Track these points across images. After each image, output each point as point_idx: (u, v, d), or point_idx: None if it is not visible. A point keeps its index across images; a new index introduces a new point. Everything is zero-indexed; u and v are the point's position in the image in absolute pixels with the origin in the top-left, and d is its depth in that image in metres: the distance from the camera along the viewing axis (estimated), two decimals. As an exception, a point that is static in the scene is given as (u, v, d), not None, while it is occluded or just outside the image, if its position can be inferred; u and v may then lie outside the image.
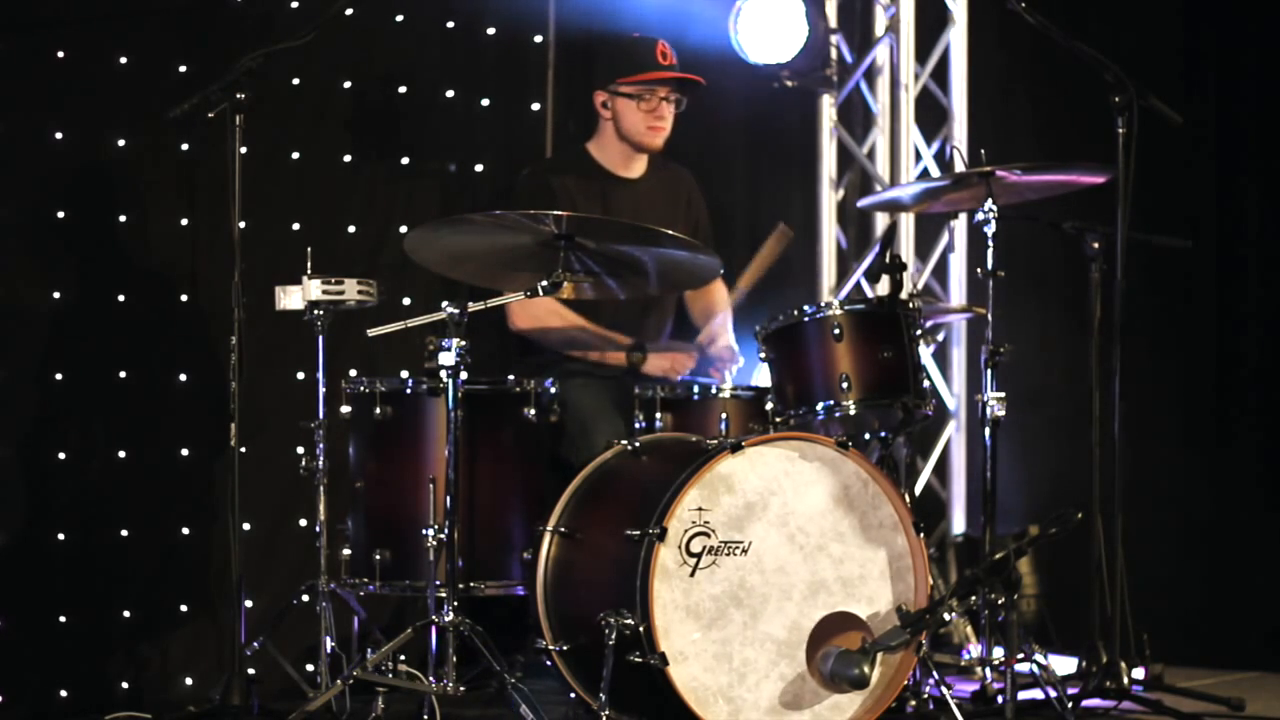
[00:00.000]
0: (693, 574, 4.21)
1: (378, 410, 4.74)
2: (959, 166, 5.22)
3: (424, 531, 4.49)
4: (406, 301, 5.54)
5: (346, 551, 4.78)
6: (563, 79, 5.99)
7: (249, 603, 4.71)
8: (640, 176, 5.44)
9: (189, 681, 5.13)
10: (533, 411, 4.80)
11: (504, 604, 4.85)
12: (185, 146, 5.16)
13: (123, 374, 5.10)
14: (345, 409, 4.81)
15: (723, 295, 5.53)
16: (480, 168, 5.83)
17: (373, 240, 5.57)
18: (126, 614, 5.06)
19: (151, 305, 5.18)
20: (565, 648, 4.42)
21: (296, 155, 5.45)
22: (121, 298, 5.12)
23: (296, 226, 5.39)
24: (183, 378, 5.19)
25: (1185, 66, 6.52)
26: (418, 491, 4.63)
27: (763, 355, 4.80)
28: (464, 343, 4.39)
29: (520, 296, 4.49)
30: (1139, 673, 5.09)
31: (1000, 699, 4.77)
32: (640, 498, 4.30)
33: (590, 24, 5.79)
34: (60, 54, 5.02)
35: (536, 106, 5.97)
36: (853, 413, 4.65)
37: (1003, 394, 4.92)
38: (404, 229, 5.41)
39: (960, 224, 6.65)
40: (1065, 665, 5.28)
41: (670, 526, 4.18)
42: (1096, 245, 5.15)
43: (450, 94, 5.78)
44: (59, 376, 5.02)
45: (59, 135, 5.03)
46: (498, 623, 4.70)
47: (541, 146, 5.95)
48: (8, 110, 4.94)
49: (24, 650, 4.87)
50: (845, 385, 4.62)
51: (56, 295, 5.03)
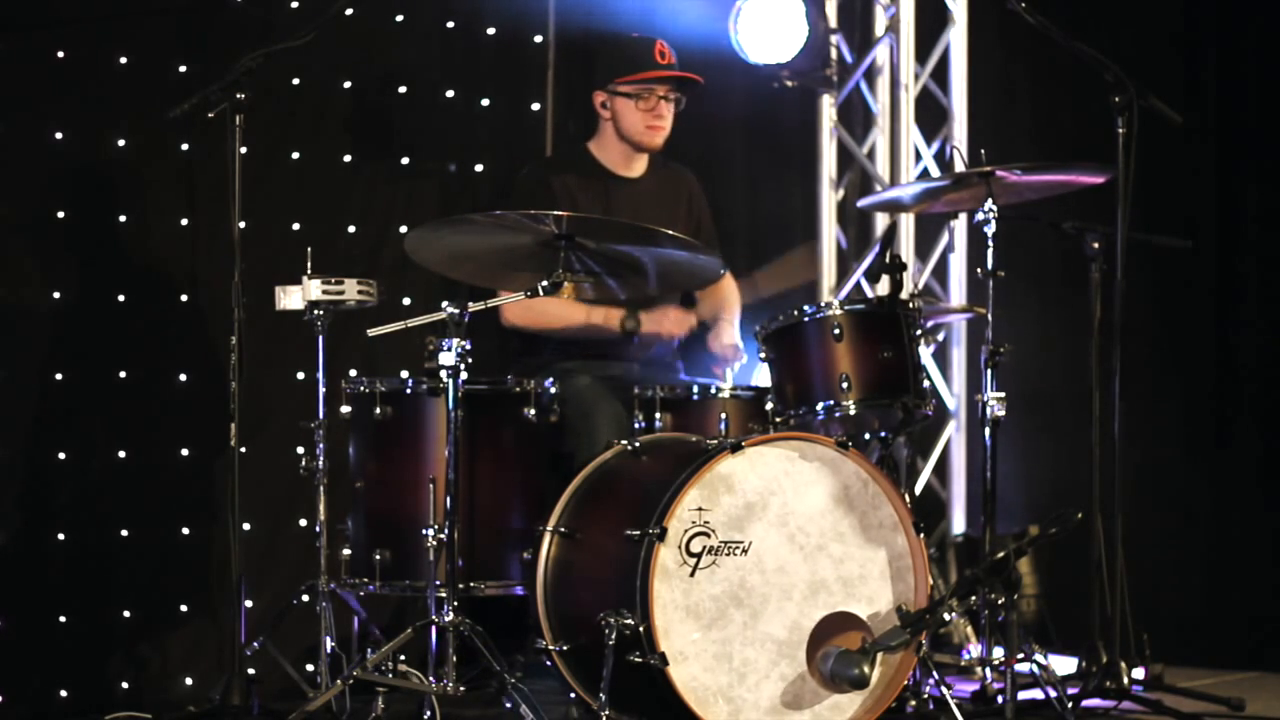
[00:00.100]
0: (693, 574, 4.21)
1: (378, 410, 4.74)
2: (959, 166, 5.22)
3: (424, 531, 4.49)
4: (406, 301, 5.54)
5: (346, 551, 4.78)
6: (563, 79, 5.99)
7: (249, 603, 4.71)
8: (641, 176, 5.43)
9: (189, 681, 5.13)
10: (533, 411, 4.79)
11: (504, 604, 4.85)
12: (185, 146, 5.17)
13: (123, 374, 5.10)
14: (345, 409, 4.81)
15: (733, 294, 5.53)
16: (480, 168, 5.83)
17: (373, 240, 5.57)
18: (126, 614, 5.06)
19: (151, 305, 5.18)
20: (565, 648, 4.42)
21: (296, 155, 5.45)
22: (121, 298, 5.12)
23: (296, 226, 5.39)
24: (183, 378, 5.19)
25: (1185, 66, 6.52)
26: (418, 491, 4.63)
27: (763, 355, 4.79)
28: (464, 343, 4.39)
29: (520, 296, 4.49)
30: (1139, 673, 5.09)
31: (1000, 699, 4.77)
32: (640, 498, 4.30)
33: (590, 24, 5.79)
34: (60, 54, 5.02)
35: (536, 106, 5.97)
36: (853, 413, 4.64)
37: (1003, 394, 4.92)
38: (404, 229, 5.41)
39: (960, 224, 6.65)
40: (1065, 665, 5.28)
41: (670, 526, 4.18)
42: (1096, 245, 5.15)
43: (450, 94, 5.77)
44: (59, 376, 5.02)
45: (59, 135, 5.03)
46: (498, 623, 4.70)
47: (541, 146, 5.95)
48: (8, 110, 4.94)
49: (24, 650, 4.87)
50: (845, 385, 4.62)
51: (56, 295, 5.03)
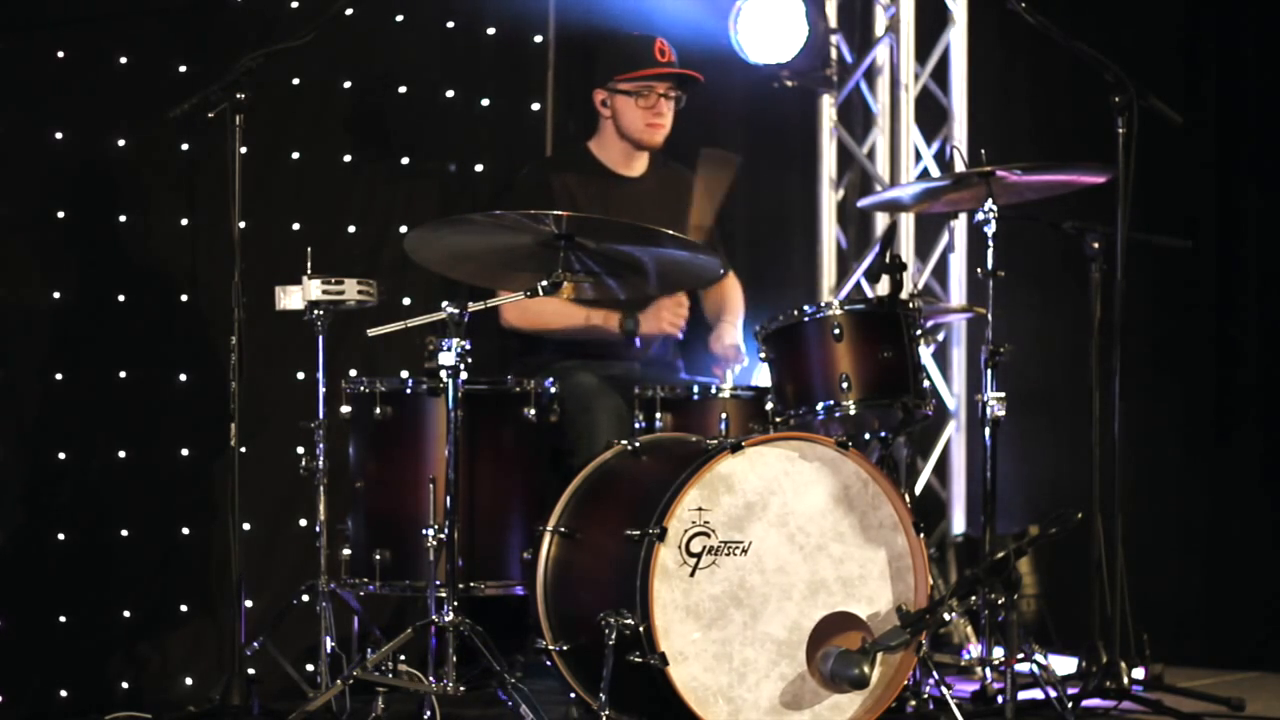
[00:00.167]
0: (693, 574, 4.21)
1: (378, 410, 4.74)
2: (959, 166, 5.21)
3: (424, 531, 4.49)
4: (406, 301, 5.54)
5: (346, 551, 4.78)
6: (563, 79, 5.98)
7: (249, 603, 4.71)
8: (641, 175, 5.43)
9: (189, 681, 5.13)
10: (533, 411, 4.79)
11: (504, 604, 4.85)
12: (185, 146, 5.16)
13: (123, 374, 5.10)
14: (345, 409, 4.81)
15: (736, 295, 5.53)
16: (480, 168, 5.82)
17: (373, 240, 5.57)
18: (126, 614, 5.06)
19: (151, 305, 5.18)
20: (565, 648, 4.42)
21: (296, 155, 5.45)
22: (121, 298, 5.12)
23: (296, 226, 5.39)
24: (183, 378, 5.18)
25: (1185, 66, 6.51)
26: (418, 491, 4.63)
27: (763, 355, 4.79)
28: (464, 343, 4.39)
29: (520, 296, 4.49)
30: (1139, 673, 5.09)
31: (1000, 699, 4.77)
32: (640, 498, 4.30)
33: (590, 23, 5.79)
34: (60, 54, 5.02)
35: (536, 106, 5.97)
36: (853, 413, 4.64)
37: (1003, 394, 4.91)
38: (404, 229, 5.40)
39: (960, 224, 6.65)
40: (1065, 665, 5.28)
41: (670, 526, 4.18)
42: (1096, 245, 5.14)
43: (450, 94, 5.77)
44: (59, 376, 5.01)
45: (59, 135, 5.03)
46: (498, 623, 4.70)
47: (541, 146, 5.94)
48: (8, 110, 4.93)
49: (24, 650, 4.87)
50: (845, 385, 4.62)
51: (56, 295, 5.02)
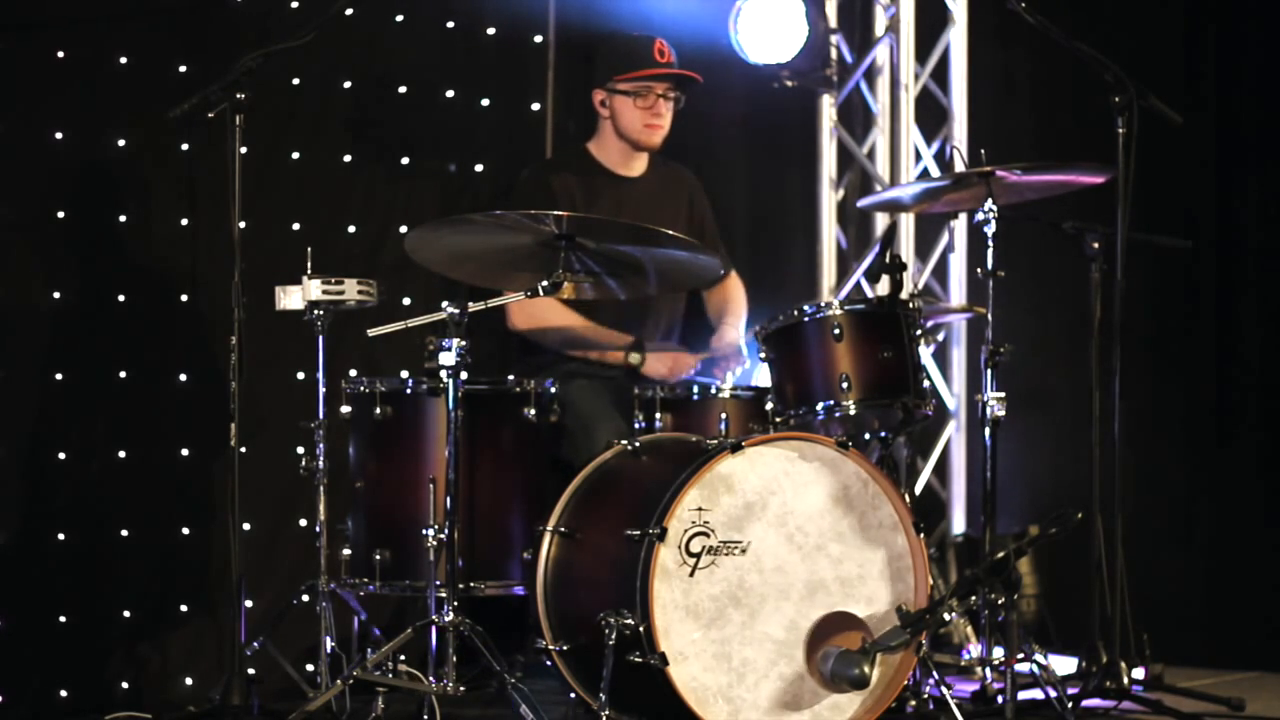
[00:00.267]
0: (692, 574, 4.21)
1: (378, 410, 4.74)
2: (959, 166, 5.22)
3: (424, 531, 4.49)
4: (406, 301, 5.54)
5: (346, 551, 4.79)
6: (563, 79, 5.98)
7: (249, 603, 4.71)
8: (641, 176, 5.43)
9: (189, 681, 5.13)
10: (533, 411, 4.79)
11: (504, 604, 4.85)
12: (185, 146, 5.16)
13: (123, 374, 5.10)
14: (345, 409, 4.81)
15: (738, 296, 5.53)
16: (480, 168, 5.82)
17: (373, 240, 5.57)
18: (126, 614, 5.06)
19: (151, 305, 5.18)
20: (565, 648, 4.42)
21: (296, 155, 5.44)
22: (121, 298, 5.12)
23: (296, 226, 5.39)
24: (183, 378, 5.18)
25: (1185, 66, 6.51)
26: (418, 491, 4.63)
27: (763, 355, 4.79)
28: (464, 343, 4.39)
29: (520, 296, 4.49)
30: (1139, 673, 5.09)
31: (1000, 699, 4.77)
32: (640, 498, 4.30)
33: (590, 24, 5.79)
34: (60, 54, 5.02)
35: (536, 106, 5.97)
36: (853, 413, 4.64)
37: (1003, 394, 4.91)
38: (404, 229, 5.40)
39: (960, 224, 6.65)
40: (1065, 665, 5.28)
41: (670, 526, 4.18)
42: (1096, 245, 5.14)
43: (450, 94, 5.77)
44: (59, 376, 5.01)
45: (59, 135, 5.03)
46: (498, 623, 4.70)
47: (541, 146, 5.94)
48: (8, 110, 4.93)
49: (24, 650, 4.87)
50: (845, 385, 4.62)
51: (56, 295, 5.02)
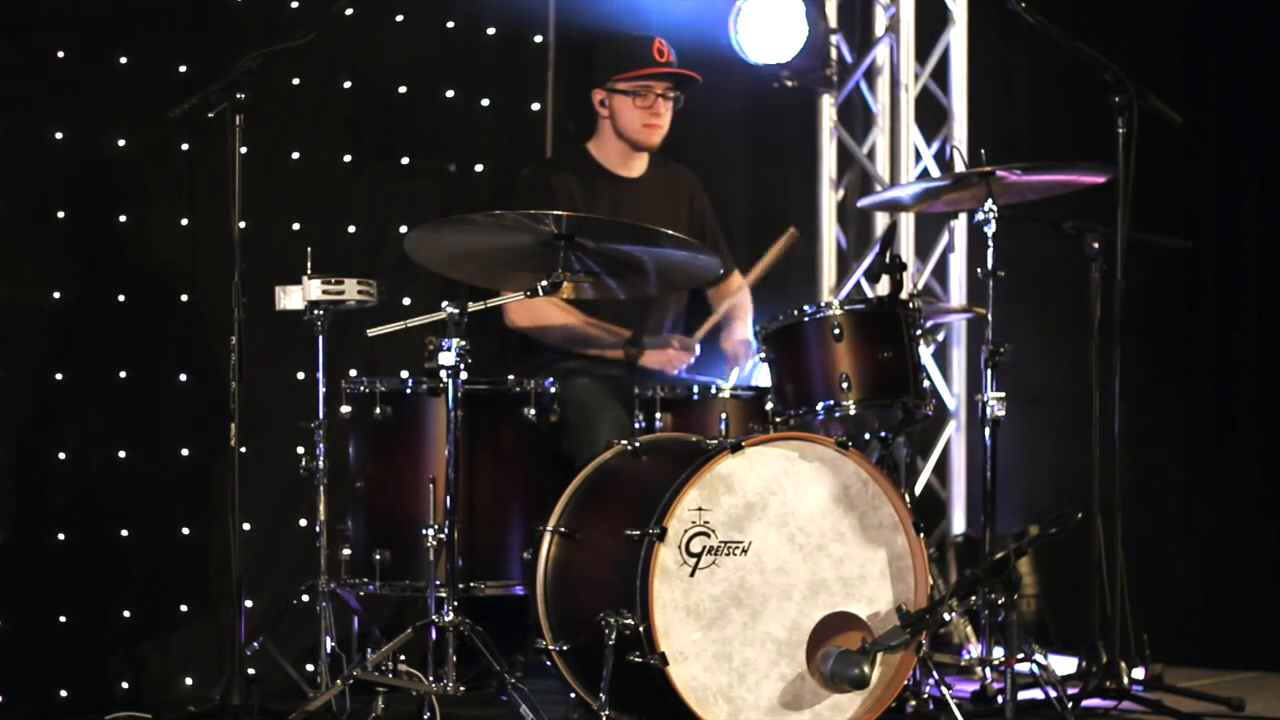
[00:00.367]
0: (693, 574, 4.21)
1: (378, 410, 4.74)
2: (959, 166, 5.22)
3: (424, 531, 4.49)
4: (406, 301, 5.54)
5: (346, 551, 4.79)
6: (563, 79, 5.98)
7: (249, 603, 4.71)
8: (641, 176, 5.43)
9: (189, 681, 5.13)
10: (533, 411, 4.79)
11: (504, 604, 4.85)
12: (185, 146, 5.16)
13: (123, 374, 5.10)
14: (345, 409, 4.81)
15: (745, 294, 5.51)
16: (480, 168, 5.82)
17: (373, 240, 5.57)
18: (126, 614, 5.06)
19: (151, 305, 5.18)
20: (565, 648, 4.42)
21: (296, 155, 5.45)
22: (121, 298, 5.12)
23: (296, 226, 5.39)
24: (183, 378, 5.18)
25: (1185, 66, 6.51)
26: (418, 491, 4.63)
27: (763, 355, 4.79)
28: (464, 343, 4.39)
29: (520, 296, 4.49)
30: (1139, 673, 5.09)
31: (1000, 699, 4.77)
32: (640, 498, 4.30)
33: (590, 24, 5.79)
34: (60, 54, 5.02)
35: (536, 106, 5.97)
36: (853, 413, 4.64)
37: (1003, 394, 4.91)
38: (404, 229, 5.40)
39: (960, 224, 6.65)
40: (1065, 665, 5.28)
41: (670, 526, 4.18)
42: (1096, 245, 5.15)
43: (450, 94, 5.77)
44: (59, 376, 5.01)
45: (59, 135, 5.03)
46: (498, 623, 4.70)
47: (541, 146, 5.94)
48: (8, 110, 4.93)
49: (24, 650, 4.87)
50: (845, 385, 4.62)
51: (56, 295, 5.02)
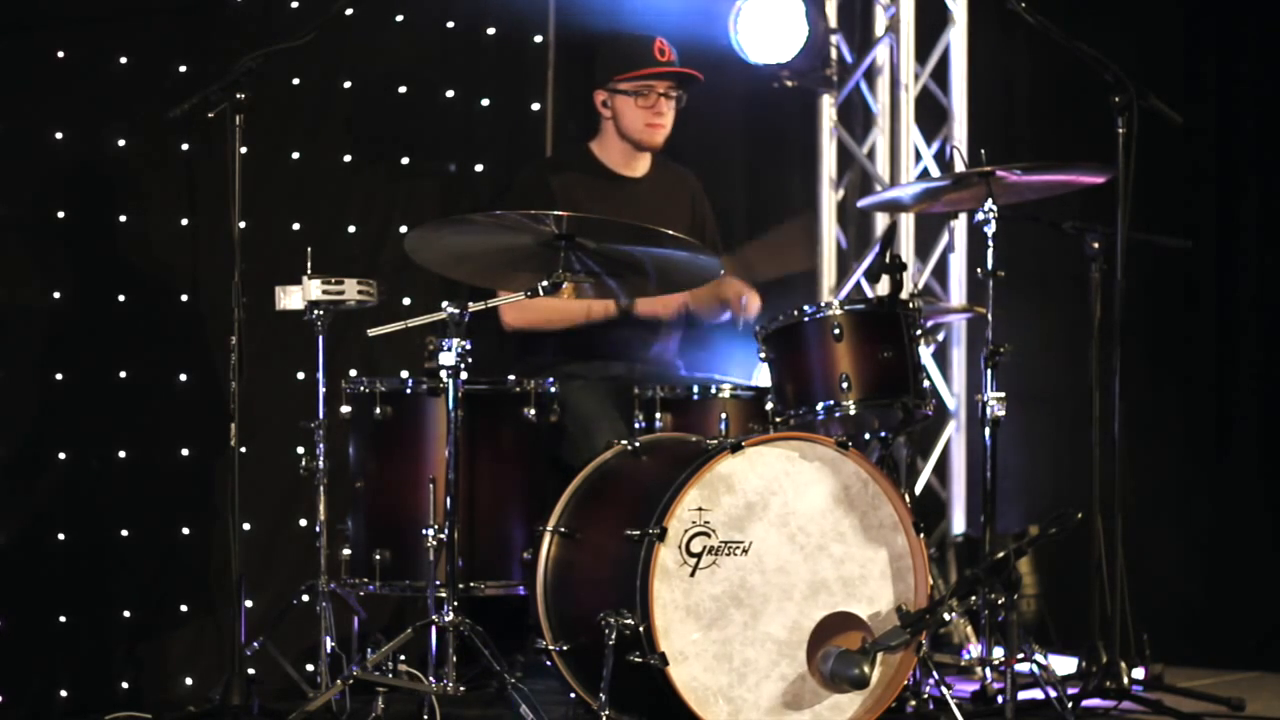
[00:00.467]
0: (693, 574, 4.21)
1: (378, 410, 4.74)
2: (959, 166, 5.22)
3: (424, 531, 4.49)
4: (406, 301, 5.54)
5: (346, 551, 4.78)
6: (563, 79, 5.99)
7: (249, 603, 4.71)
8: (643, 176, 5.43)
9: (189, 681, 5.13)
10: (533, 412, 4.79)
11: (504, 604, 4.85)
12: (185, 146, 5.16)
13: (123, 374, 5.10)
14: (345, 409, 4.81)
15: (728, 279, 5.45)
16: (480, 168, 5.82)
17: (373, 240, 5.57)
18: (126, 614, 5.06)
19: (151, 305, 5.18)
20: (565, 648, 4.42)
21: (296, 155, 5.45)
22: (121, 298, 5.12)
23: (296, 226, 5.39)
24: (183, 378, 5.18)
25: (1185, 66, 6.51)
26: (418, 491, 4.63)
27: (763, 355, 4.79)
28: (464, 343, 4.39)
29: (520, 296, 4.49)
30: (1139, 673, 5.09)
31: (1000, 699, 4.77)
32: (640, 498, 4.30)
33: (590, 24, 5.79)
34: (60, 54, 5.02)
35: (536, 106, 5.97)
36: (853, 413, 4.64)
37: (1003, 394, 4.91)
38: (404, 229, 5.41)
39: (960, 224, 6.65)
40: (1065, 665, 5.28)
41: (670, 526, 4.18)
42: (1096, 245, 5.15)
43: (450, 94, 5.77)
44: (59, 376, 5.01)
45: (59, 135, 5.03)
46: (498, 623, 4.70)
47: (541, 146, 5.95)
48: (8, 110, 4.93)
49: (24, 650, 4.87)
50: (845, 385, 4.62)
51: (56, 295, 5.02)
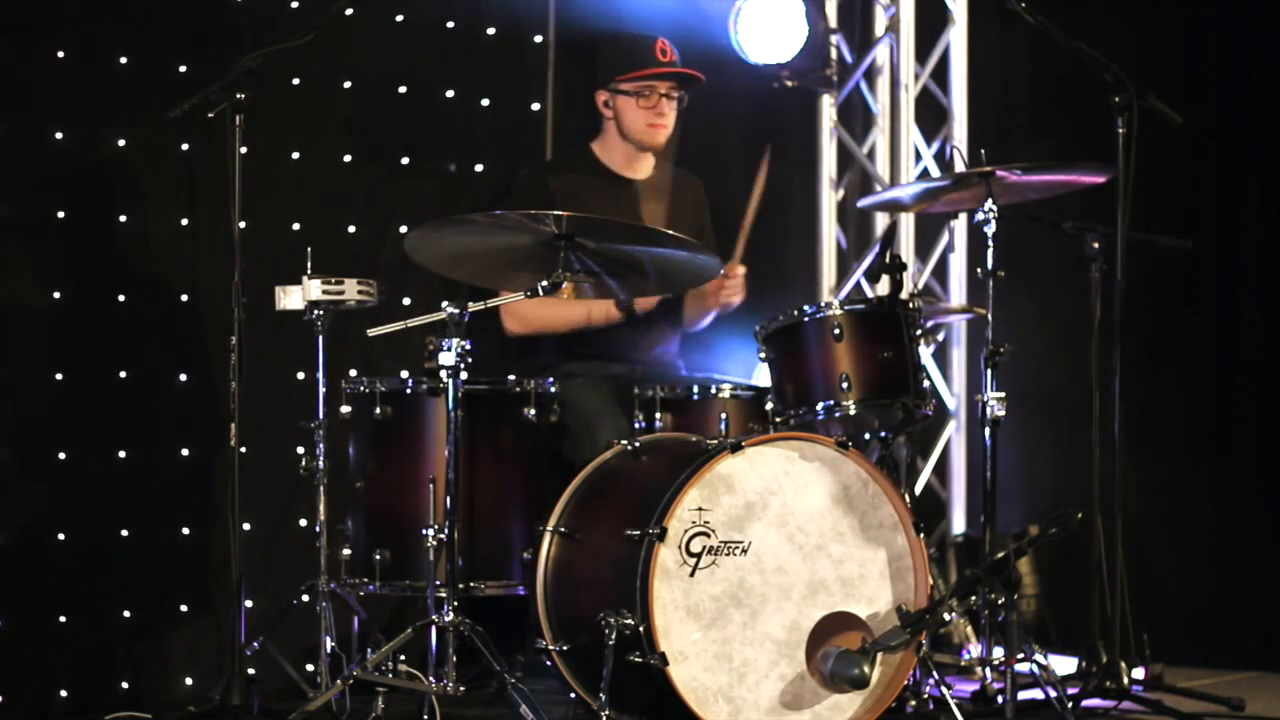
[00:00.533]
0: (693, 574, 4.21)
1: (378, 410, 4.74)
2: (959, 166, 5.22)
3: (424, 531, 4.49)
4: (406, 301, 5.54)
5: (346, 551, 4.78)
6: (563, 79, 5.98)
7: (249, 603, 4.71)
8: (645, 178, 5.42)
9: (189, 681, 5.13)
10: (533, 411, 4.79)
11: (504, 604, 4.85)
12: (185, 146, 5.16)
13: (123, 374, 5.10)
14: (345, 409, 4.81)
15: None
16: (480, 168, 5.82)
17: (373, 240, 5.57)
18: (126, 614, 5.06)
19: (151, 305, 5.18)
20: (565, 648, 4.42)
21: (296, 155, 5.45)
22: (121, 298, 5.12)
23: (296, 226, 5.39)
24: (183, 378, 5.18)
25: (1185, 66, 6.51)
26: (418, 491, 4.63)
27: (763, 355, 4.79)
28: (464, 343, 4.39)
29: (520, 296, 4.49)
30: (1139, 673, 5.09)
31: (1000, 699, 4.77)
32: (640, 498, 4.30)
33: (590, 24, 5.79)
34: (60, 54, 5.02)
35: (536, 106, 5.97)
36: (853, 413, 4.64)
37: (1003, 394, 4.91)
38: (404, 229, 5.41)
39: (960, 224, 6.65)
40: (1065, 665, 5.28)
41: (670, 526, 4.18)
42: (1096, 245, 5.15)
43: (450, 94, 5.77)
44: (59, 376, 5.01)
45: (59, 135, 5.03)
46: (498, 623, 4.70)
47: (541, 146, 5.95)
48: (8, 110, 4.93)
49: (24, 650, 4.87)
50: (845, 385, 4.62)
51: (56, 295, 5.02)
